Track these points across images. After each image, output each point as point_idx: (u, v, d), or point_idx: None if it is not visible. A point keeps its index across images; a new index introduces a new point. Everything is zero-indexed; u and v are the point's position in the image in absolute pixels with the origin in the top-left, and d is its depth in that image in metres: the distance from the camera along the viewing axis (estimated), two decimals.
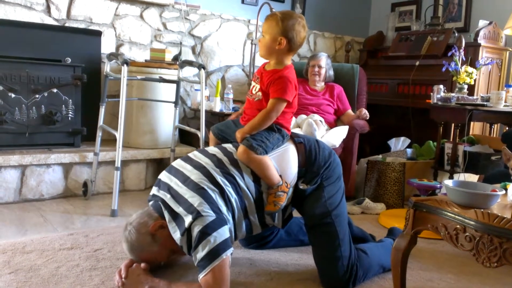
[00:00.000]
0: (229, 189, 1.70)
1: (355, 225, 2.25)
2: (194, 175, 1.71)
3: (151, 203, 1.81)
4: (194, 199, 1.63)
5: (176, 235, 1.65)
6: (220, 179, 1.70)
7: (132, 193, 3.17)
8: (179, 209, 1.65)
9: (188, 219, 1.60)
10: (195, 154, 1.86)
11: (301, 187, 1.87)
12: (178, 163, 1.83)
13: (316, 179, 1.88)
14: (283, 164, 1.83)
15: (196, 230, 1.58)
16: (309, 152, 1.89)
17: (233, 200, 1.71)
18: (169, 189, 1.72)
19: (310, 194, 1.87)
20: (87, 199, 2.92)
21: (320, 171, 1.88)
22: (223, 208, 1.67)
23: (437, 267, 2.12)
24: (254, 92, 1.91)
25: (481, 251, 1.30)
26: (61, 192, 2.94)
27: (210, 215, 1.60)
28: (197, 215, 1.59)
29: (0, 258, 1.91)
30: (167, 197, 1.71)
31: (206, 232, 1.57)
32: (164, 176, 1.81)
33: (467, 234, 1.34)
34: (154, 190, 1.81)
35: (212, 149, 1.88)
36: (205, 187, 1.66)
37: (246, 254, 2.13)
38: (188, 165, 1.78)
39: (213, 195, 1.66)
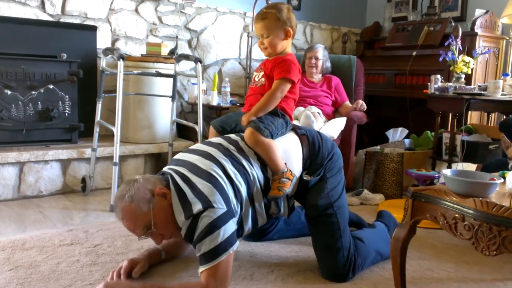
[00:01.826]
0: (238, 178, 1.68)
1: (350, 211, 2.23)
2: (202, 163, 1.67)
3: (160, 175, 1.73)
4: (205, 187, 1.59)
5: (180, 216, 1.60)
6: (229, 168, 1.67)
7: None
8: (188, 192, 1.60)
9: (197, 206, 1.56)
10: (198, 146, 1.83)
11: (305, 178, 1.87)
12: (180, 155, 1.80)
13: (320, 171, 1.88)
14: (286, 152, 1.83)
15: (205, 222, 1.54)
16: (313, 144, 1.90)
17: (242, 189, 1.68)
18: (176, 173, 1.68)
19: (313, 186, 1.88)
20: (86, 195, 2.92)
21: (324, 162, 1.89)
22: (233, 199, 1.64)
23: (436, 256, 2.13)
24: (257, 79, 1.93)
25: (480, 239, 1.30)
26: (60, 188, 2.94)
27: (221, 208, 1.56)
28: (208, 205, 1.55)
29: (0, 255, 1.91)
30: (176, 176, 1.66)
31: (216, 225, 1.54)
32: (167, 169, 1.76)
33: (466, 223, 1.34)
34: None
35: (216, 139, 1.86)
36: (216, 176, 1.63)
37: (246, 247, 2.13)
38: (193, 155, 1.74)
39: (224, 185, 1.62)
